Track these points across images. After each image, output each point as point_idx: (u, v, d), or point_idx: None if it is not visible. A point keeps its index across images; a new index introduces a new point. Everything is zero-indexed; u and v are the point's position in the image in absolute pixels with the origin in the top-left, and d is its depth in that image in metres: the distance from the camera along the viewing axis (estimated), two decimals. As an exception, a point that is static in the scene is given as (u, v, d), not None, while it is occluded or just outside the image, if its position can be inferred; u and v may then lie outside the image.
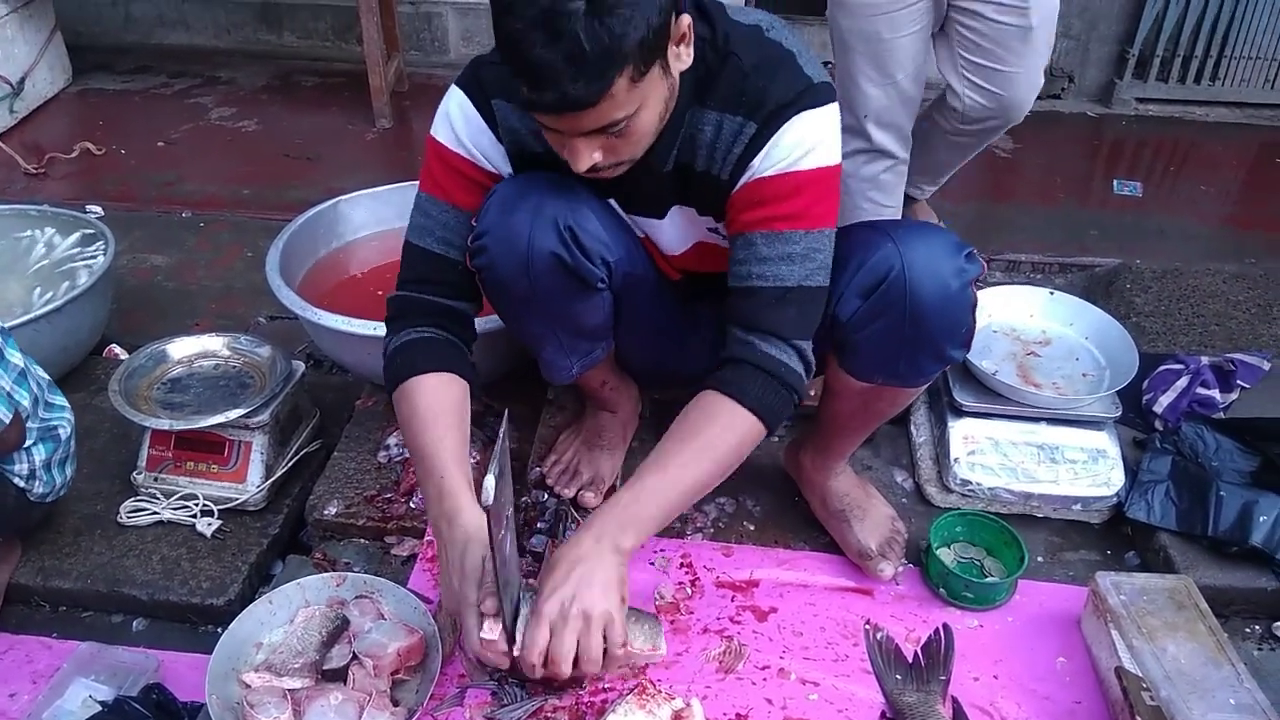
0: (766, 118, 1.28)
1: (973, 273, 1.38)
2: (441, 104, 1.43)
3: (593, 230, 1.40)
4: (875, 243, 1.38)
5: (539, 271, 1.39)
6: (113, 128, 3.44)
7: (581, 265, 1.40)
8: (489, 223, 1.38)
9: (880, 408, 1.59)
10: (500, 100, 1.38)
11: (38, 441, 1.64)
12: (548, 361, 1.62)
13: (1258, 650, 1.64)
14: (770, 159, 1.30)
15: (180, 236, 2.80)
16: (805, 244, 1.32)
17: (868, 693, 1.51)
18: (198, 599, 1.68)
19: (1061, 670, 1.56)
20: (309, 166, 3.20)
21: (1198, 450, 1.86)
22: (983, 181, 3.12)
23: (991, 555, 1.73)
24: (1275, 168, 3.31)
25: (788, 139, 1.28)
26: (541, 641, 1.23)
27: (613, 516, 1.29)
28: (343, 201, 2.24)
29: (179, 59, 4.00)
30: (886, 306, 1.38)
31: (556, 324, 1.53)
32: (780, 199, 1.31)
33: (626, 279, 1.51)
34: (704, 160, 1.35)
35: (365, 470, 1.89)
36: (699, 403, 1.35)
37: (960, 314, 1.40)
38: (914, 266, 1.35)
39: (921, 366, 1.46)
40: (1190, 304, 2.47)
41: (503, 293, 1.46)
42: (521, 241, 1.36)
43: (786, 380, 1.34)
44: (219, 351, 1.95)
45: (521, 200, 1.37)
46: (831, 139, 1.31)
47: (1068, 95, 3.73)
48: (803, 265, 1.33)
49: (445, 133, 1.42)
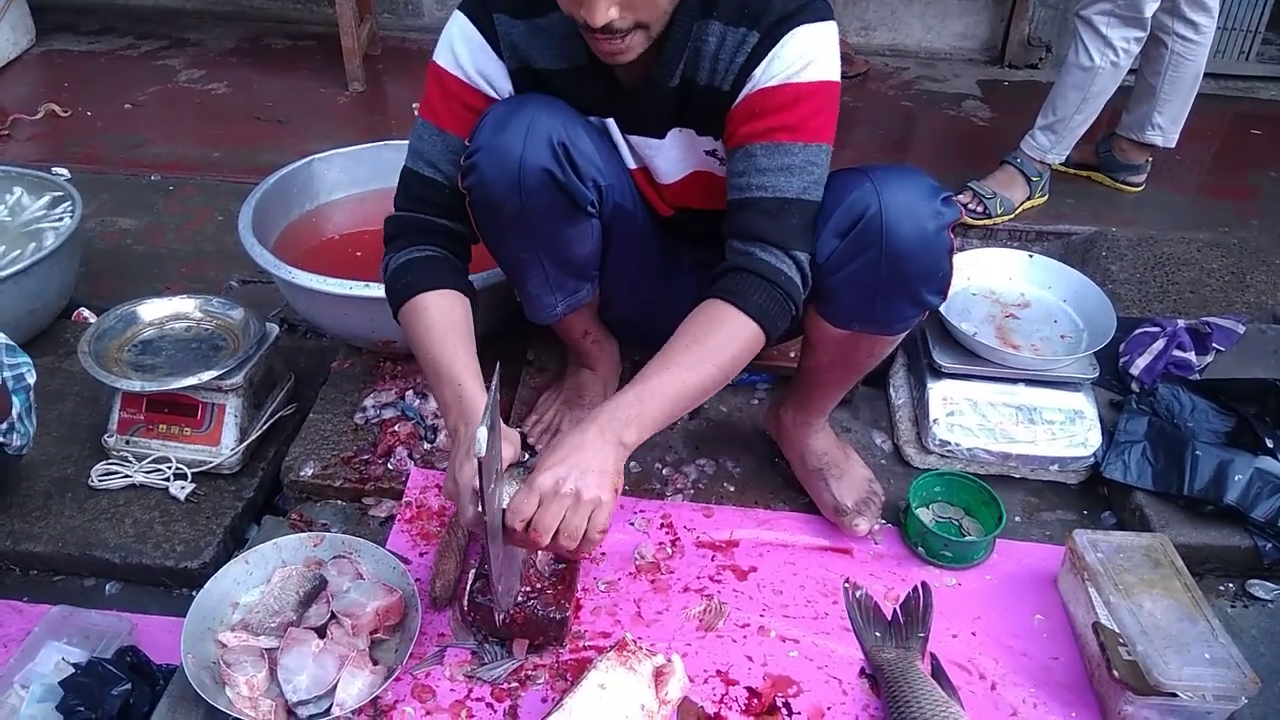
0: (769, 28, 1.30)
1: (949, 216, 1.38)
2: (444, 28, 1.44)
3: (586, 151, 1.40)
4: (852, 183, 1.38)
5: (530, 188, 1.38)
6: (78, 89, 3.36)
7: (573, 184, 1.40)
8: (482, 140, 1.37)
9: (858, 358, 1.59)
10: (503, 15, 1.39)
11: (14, 392, 1.60)
12: (532, 296, 1.61)
13: (1231, 607, 1.66)
14: (772, 69, 1.31)
15: (149, 199, 2.75)
16: (804, 156, 1.33)
17: (847, 650, 1.51)
18: (171, 562, 1.66)
19: (1039, 627, 1.57)
20: (280, 130, 3.15)
21: (1174, 411, 1.87)
22: (960, 150, 3.13)
23: (970, 515, 1.74)
24: (1248, 138, 3.34)
25: (789, 50, 1.30)
26: (528, 509, 1.21)
27: (618, 411, 1.27)
28: (316, 160, 2.20)
29: (145, 20, 3.92)
30: (863, 247, 1.37)
31: (544, 251, 1.52)
32: (780, 109, 1.32)
33: (616, 210, 1.51)
34: (707, 73, 1.37)
35: (342, 432, 1.87)
36: (704, 309, 1.35)
37: (937, 256, 1.39)
38: (891, 207, 1.35)
39: (898, 310, 1.45)
40: (1165, 271, 2.49)
41: (492, 212, 1.44)
42: (514, 157, 1.35)
43: (786, 290, 1.34)
44: (191, 314, 1.92)
45: (515, 117, 1.37)
46: (832, 54, 1.32)
47: (1045, 65, 3.74)
48: (801, 177, 1.33)
49: (446, 56, 1.43)
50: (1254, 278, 2.47)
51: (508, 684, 1.43)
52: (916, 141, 3.32)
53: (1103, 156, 2.87)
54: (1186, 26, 2.51)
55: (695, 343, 1.32)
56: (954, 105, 3.48)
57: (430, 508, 1.72)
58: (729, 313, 1.33)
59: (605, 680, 1.33)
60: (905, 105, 3.49)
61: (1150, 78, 2.64)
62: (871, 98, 3.52)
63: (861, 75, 3.66)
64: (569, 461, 1.22)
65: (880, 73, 3.72)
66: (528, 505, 1.21)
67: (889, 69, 3.76)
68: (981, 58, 3.85)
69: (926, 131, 3.35)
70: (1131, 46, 2.47)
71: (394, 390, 1.94)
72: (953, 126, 3.34)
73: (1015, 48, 3.76)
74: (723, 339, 1.33)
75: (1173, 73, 2.58)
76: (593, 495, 1.22)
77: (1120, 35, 2.45)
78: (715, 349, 1.32)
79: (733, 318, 1.33)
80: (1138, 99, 2.71)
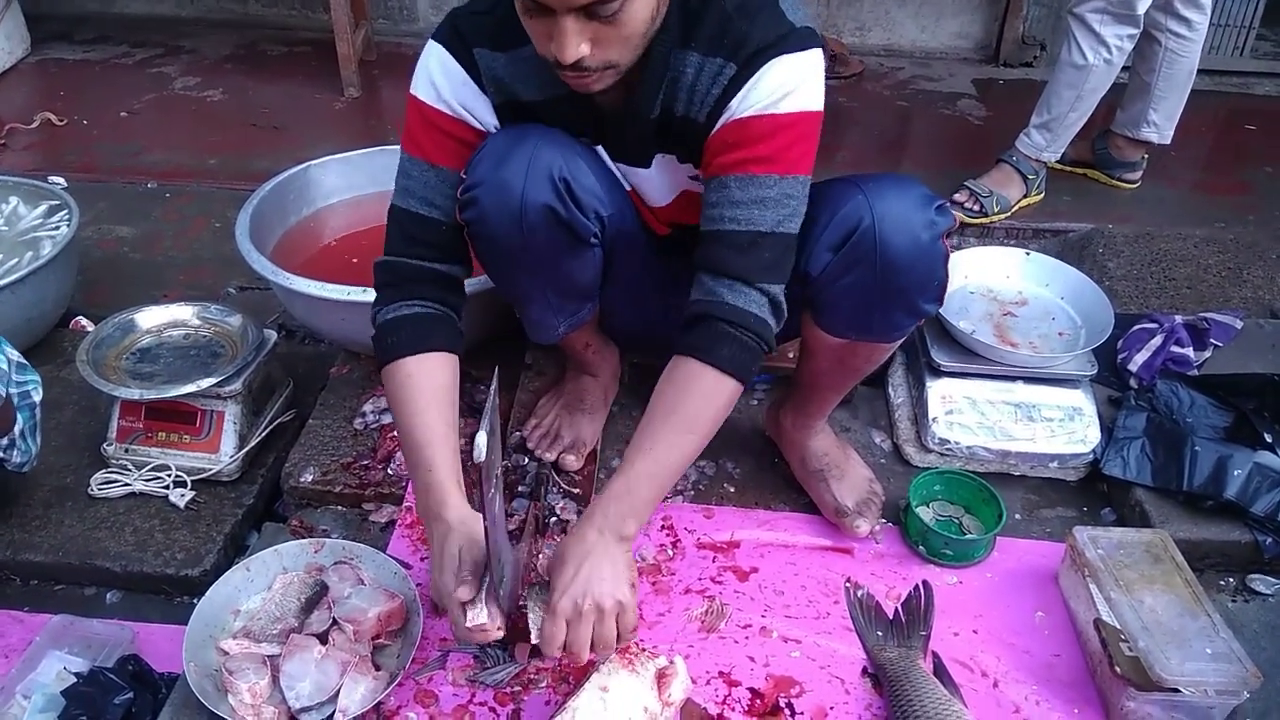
0: (746, 60, 1.26)
1: (944, 225, 1.37)
2: (419, 61, 1.40)
3: (587, 184, 1.38)
4: (845, 195, 1.37)
5: (532, 224, 1.36)
6: (74, 98, 3.37)
7: (575, 219, 1.38)
8: (481, 174, 1.35)
9: (856, 364, 1.59)
10: (483, 49, 1.35)
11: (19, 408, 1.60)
12: (534, 321, 1.61)
13: (1232, 602, 1.66)
14: (748, 100, 1.27)
15: (146, 207, 2.75)
16: (779, 189, 1.30)
17: (849, 649, 1.51)
18: (172, 570, 1.66)
19: (1040, 624, 1.57)
20: (276, 136, 3.15)
21: (1172, 407, 1.88)
22: (956, 149, 3.13)
23: (970, 513, 1.74)
24: (1242, 133, 3.35)
25: (766, 81, 1.26)
26: (559, 638, 1.25)
27: (611, 507, 1.29)
28: (313, 166, 2.21)
29: (140, 28, 3.92)
30: (857, 260, 1.36)
31: (546, 281, 1.50)
32: (755, 141, 1.28)
33: (617, 235, 1.49)
34: (684, 104, 1.34)
35: (341, 437, 1.87)
36: (676, 370, 1.33)
37: (932, 266, 1.39)
38: (884, 219, 1.33)
39: (895, 320, 1.45)
40: (1161, 267, 2.49)
41: (493, 247, 1.42)
42: (515, 193, 1.33)
43: (756, 331, 1.31)
44: (189, 321, 1.92)
45: (514, 151, 1.34)
46: (813, 84, 1.28)
47: (1040, 63, 3.75)
48: (775, 210, 1.30)
49: (425, 89, 1.39)
50: (1251, 273, 2.47)
51: (510, 688, 1.43)
52: (912, 141, 3.32)
53: (1098, 154, 2.88)
54: (1179, 23, 2.52)
55: (671, 413, 1.32)
56: (949, 105, 3.49)
57: (431, 512, 1.72)
58: (701, 372, 1.31)
59: (608, 683, 1.32)
60: (900, 105, 3.50)
61: (1144, 74, 2.64)
62: (867, 98, 3.53)
63: (856, 76, 3.67)
64: (580, 577, 1.25)
65: (875, 73, 3.73)
66: (558, 633, 1.25)
67: (884, 69, 3.77)
68: (976, 56, 3.86)
69: (922, 131, 3.35)
70: (1125, 44, 2.47)
71: (393, 395, 1.94)
72: (948, 126, 3.35)
73: (1010, 46, 3.77)
74: (699, 404, 1.32)
75: (1167, 69, 2.59)
76: (612, 604, 1.25)
77: (1113, 32, 2.45)
78: (693, 416, 1.32)
79: (705, 377, 1.31)
80: (1132, 96, 2.72)
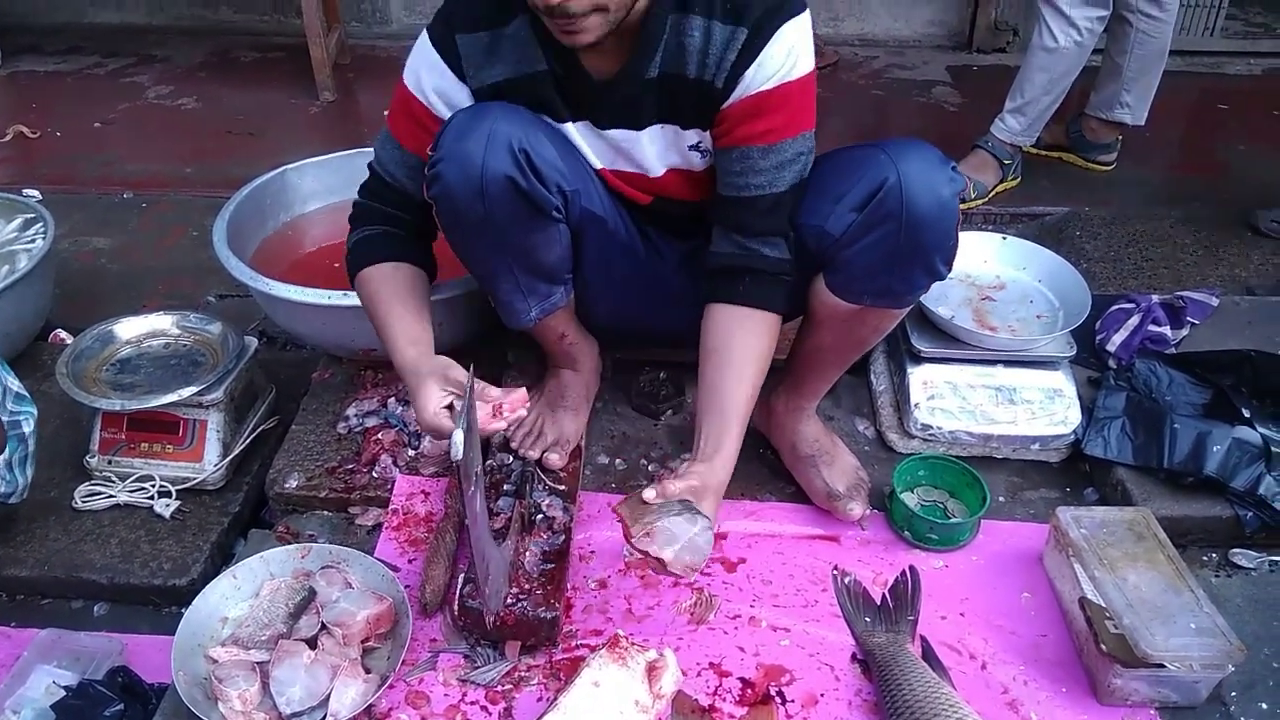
0: (756, 23, 1.35)
1: (959, 184, 1.42)
2: (414, 47, 1.50)
3: (548, 156, 1.41)
4: (867, 158, 1.43)
5: (493, 195, 1.39)
6: (46, 110, 3.35)
7: (535, 190, 1.40)
8: (445, 148, 1.39)
9: (863, 335, 1.61)
10: (465, 34, 1.43)
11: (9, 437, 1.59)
12: (504, 303, 1.62)
13: (1215, 577, 1.68)
14: (765, 70, 1.37)
15: (122, 218, 2.74)
16: (794, 149, 1.43)
17: (838, 636, 1.52)
18: (159, 580, 1.65)
19: (1026, 605, 1.58)
20: (252, 143, 3.14)
21: (1151, 386, 1.89)
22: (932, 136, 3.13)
23: (954, 497, 1.75)
24: (1215, 113, 3.37)
25: (778, 49, 1.36)
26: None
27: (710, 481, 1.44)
28: (289, 171, 2.19)
29: (111, 38, 3.90)
30: (883, 217, 1.40)
31: (512, 258, 1.52)
32: (774, 111, 1.40)
33: (585, 215, 1.52)
34: (696, 67, 1.40)
35: (325, 442, 1.86)
36: (725, 322, 1.49)
37: (950, 224, 1.42)
38: (909, 176, 1.38)
39: (913, 280, 1.48)
40: (1138, 248, 2.51)
41: (457, 221, 1.46)
42: (475, 165, 1.37)
43: (786, 272, 1.50)
44: (168, 330, 1.91)
45: (476, 124, 1.39)
46: (810, 44, 1.40)
47: (1013, 48, 3.77)
48: (791, 169, 1.44)
49: (410, 77, 1.49)
50: (1226, 251, 2.49)
51: (501, 686, 1.43)
52: (889, 130, 3.33)
53: (1073, 137, 2.89)
54: (1150, 4, 2.53)
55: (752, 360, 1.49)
56: (924, 92, 3.50)
57: (417, 514, 1.72)
58: (752, 317, 1.49)
59: (599, 678, 1.33)
60: (876, 94, 3.51)
61: (1116, 56, 2.66)
62: (842, 88, 3.54)
63: (831, 66, 3.68)
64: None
65: (850, 63, 3.74)
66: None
67: (858, 59, 3.78)
68: (950, 44, 3.88)
69: (898, 119, 3.37)
70: (1095, 25, 2.49)
71: (376, 399, 1.93)
72: (924, 113, 3.37)
73: (983, 32, 3.79)
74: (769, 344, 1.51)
75: (1139, 50, 2.60)
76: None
77: (1083, 15, 2.47)
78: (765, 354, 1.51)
79: (755, 320, 1.49)
80: (1105, 78, 2.74)
